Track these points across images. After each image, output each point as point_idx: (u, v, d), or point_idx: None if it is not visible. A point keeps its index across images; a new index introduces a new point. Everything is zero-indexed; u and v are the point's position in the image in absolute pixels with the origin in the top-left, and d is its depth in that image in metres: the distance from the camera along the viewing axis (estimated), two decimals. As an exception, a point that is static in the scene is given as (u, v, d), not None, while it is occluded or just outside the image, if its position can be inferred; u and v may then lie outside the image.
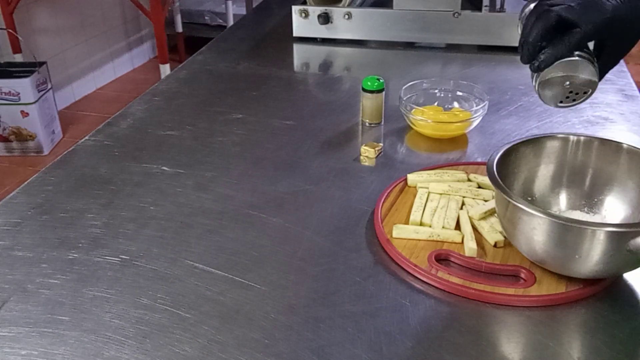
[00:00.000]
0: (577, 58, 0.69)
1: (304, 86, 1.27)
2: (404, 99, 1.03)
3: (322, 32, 1.48)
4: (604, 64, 0.72)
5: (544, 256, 0.66)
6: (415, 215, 0.78)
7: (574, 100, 0.72)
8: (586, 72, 0.69)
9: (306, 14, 1.46)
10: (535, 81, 0.72)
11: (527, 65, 0.71)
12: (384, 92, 1.04)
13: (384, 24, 1.44)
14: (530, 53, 0.70)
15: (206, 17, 3.94)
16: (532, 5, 0.72)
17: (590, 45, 0.72)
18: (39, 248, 0.75)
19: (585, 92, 0.71)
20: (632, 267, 0.65)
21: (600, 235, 0.61)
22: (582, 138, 0.76)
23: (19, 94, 2.66)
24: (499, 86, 1.21)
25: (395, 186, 0.85)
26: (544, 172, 0.78)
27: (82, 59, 3.43)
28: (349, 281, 0.69)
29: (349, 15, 1.44)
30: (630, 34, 0.70)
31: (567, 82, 0.70)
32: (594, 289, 0.67)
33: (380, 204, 0.81)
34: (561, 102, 0.72)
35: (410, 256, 0.72)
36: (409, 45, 1.46)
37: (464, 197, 0.81)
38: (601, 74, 0.72)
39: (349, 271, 0.71)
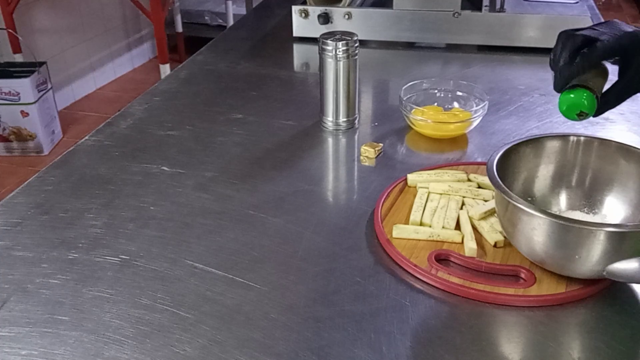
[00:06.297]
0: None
1: (304, 86, 1.27)
2: (404, 99, 1.03)
3: (322, 32, 1.48)
4: (629, 80, 0.74)
5: (544, 256, 0.66)
6: (415, 215, 0.78)
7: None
8: None
9: (306, 14, 1.46)
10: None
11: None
12: None
13: (384, 24, 1.44)
14: (563, 78, 0.73)
15: (206, 17, 3.95)
16: None
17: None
18: (39, 248, 0.75)
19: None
20: (632, 267, 0.65)
21: (600, 235, 0.61)
22: (582, 138, 0.76)
23: (19, 94, 2.66)
24: (499, 86, 1.21)
25: (395, 186, 0.85)
26: (544, 172, 0.78)
27: (82, 59, 3.43)
28: (349, 281, 0.69)
29: (349, 15, 1.44)
30: None
31: None
32: (594, 289, 0.67)
33: (380, 204, 0.81)
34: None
35: (410, 256, 0.72)
36: (409, 45, 1.46)
37: (464, 197, 0.81)
38: (627, 92, 0.75)
39: (349, 271, 0.71)
